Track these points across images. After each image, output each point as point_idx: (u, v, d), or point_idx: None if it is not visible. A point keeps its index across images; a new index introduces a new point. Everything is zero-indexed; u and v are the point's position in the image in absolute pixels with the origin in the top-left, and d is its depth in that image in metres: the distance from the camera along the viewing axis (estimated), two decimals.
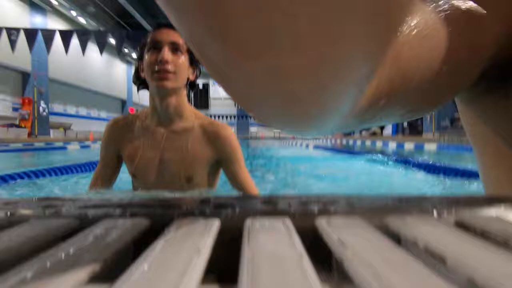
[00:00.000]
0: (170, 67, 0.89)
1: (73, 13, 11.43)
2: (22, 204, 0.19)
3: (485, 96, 0.27)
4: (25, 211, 0.17)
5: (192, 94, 1.08)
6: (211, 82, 19.86)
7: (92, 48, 8.19)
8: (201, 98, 20.13)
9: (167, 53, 0.89)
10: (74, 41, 6.67)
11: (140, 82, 1.01)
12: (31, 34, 6.61)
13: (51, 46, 6.75)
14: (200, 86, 19.69)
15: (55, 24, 10.99)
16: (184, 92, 0.98)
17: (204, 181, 0.98)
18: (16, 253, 0.11)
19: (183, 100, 0.97)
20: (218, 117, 16.84)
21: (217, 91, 19.81)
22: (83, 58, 9.23)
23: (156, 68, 0.88)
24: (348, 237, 0.12)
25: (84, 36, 6.73)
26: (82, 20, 11.97)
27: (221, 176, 1.06)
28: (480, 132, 0.32)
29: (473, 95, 0.28)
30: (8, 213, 0.17)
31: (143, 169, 0.95)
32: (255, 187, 0.98)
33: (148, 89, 0.99)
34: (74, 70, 12.36)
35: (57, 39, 6.58)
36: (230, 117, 19.11)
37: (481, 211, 0.17)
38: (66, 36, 6.69)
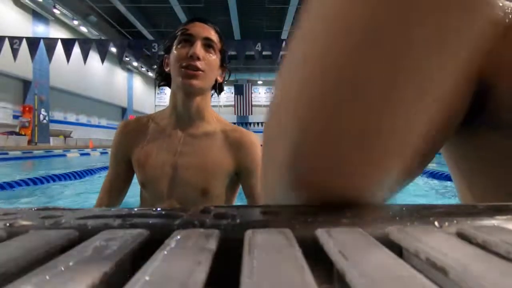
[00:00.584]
0: (201, 64, 0.80)
1: (75, 22, 11.57)
2: (21, 214, 0.19)
3: (472, 136, 0.28)
4: (24, 222, 0.17)
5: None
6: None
7: (93, 56, 8.26)
8: None
9: (199, 48, 0.80)
10: (76, 50, 6.74)
11: (162, 78, 0.91)
12: (33, 43, 6.68)
13: (52, 55, 6.81)
14: None
15: (57, 33, 11.12)
16: (210, 94, 0.90)
17: (221, 195, 0.85)
18: (15, 265, 0.11)
19: (207, 102, 0.88)
20: None
21: (216, 99, 19.88)
22: (84, 66, 9.31)
23: (186, 63, 0.79)
24: (349, 249, 0.12)
25: (86, 45, 6.80)
26: (84, 29, 12.11)
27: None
28: (466, 168, 0.33)
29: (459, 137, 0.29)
30: (7, 224, 0.17)
31: (153, 177, 0.83)
32: None
33: (169, 86, 0.90)
34: (75, 78, 12.45)
35: (59, 48, 6.65)
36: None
37: (482, 221, 0.17)
38: (67, 45, 6.77)
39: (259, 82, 19.58)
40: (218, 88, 0.94)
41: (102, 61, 6.96)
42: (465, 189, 0.33)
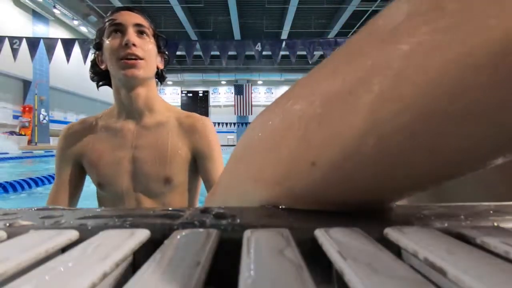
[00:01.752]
0: (138, 51, 0.76)
1: (75, 22, 11.58)
2: (21, 214, 0.19)
3: None
4: (24, 222, 0.17)
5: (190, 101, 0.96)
6: (210, 90, 19.98)
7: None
8: (201, 106, 20.22)
9: (133, 35, 0.76)
10: (76, 50, 6.74)
11: (99, 77, 0.85)
12: (33, 43, 6.68)
13: (52, 55, 6.81)
14: (200, 94, 19.81)
15: (57, 33, 11.12)
16: (154, 83, 0.85)
17: (185, 182, 0.83)
18: (15, 265, 0.11)
19: (153, 92, 0.83)
20: (218, 124, 16.88)
21: (216, 99, 19.93)
22: (84, 66, 9.30)
23: (122, 53, 0.75)
24: (348, 249, 0.12)
25: (86, 45, 6.80)
26: (84, 29, 12.11)
27: None
28: None
29: None
30: (7, 224, 0.17)
31: (111, 174, 0.80)
32: None
33: (109, 85, 0.86)
34: (75, 78, 12.45)
35: (59, 48, 6.65)
36: (230, 124, 19.18)
37: (481, 221, 0.17)
38: (67, 45, 6.77)
39: (259, 82, 19.58)
40: (160, 76, 0.89)
41: None
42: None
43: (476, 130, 0.12)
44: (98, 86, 0.89)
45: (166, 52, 0.88)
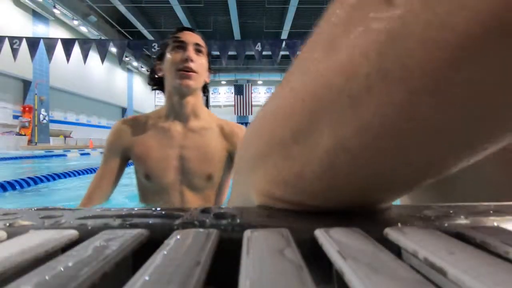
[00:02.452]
0: (194, 66, 0.92)
1: (75, 22, 11.57)
2: (21, 214, 0.19)
3: None
4: (24, 222, 0.17)
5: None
6: (210, 90, 19.96)
7: (93, 56, 8.27)
8: None
9: (192, 52, 0.93)
10: (76, 50, 6.73)
11: (155, 82, 1.02)
12: (33, 43, 6.68)
13: (52, 55, 6.81)
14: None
15: (57, 33, 11.12)
16: (201, 93, 1.01)
17: (222, 179, 0.99)
18: (15, 265, 0.11)
19: (200, 101, 1.00)
20: None
21: (216, 99, 19.91)
22: (84, 66, 9.30)
23: (181, 66, 0.91)
24: (348, 249, 0.12)
25: (86, 45, 6.79)
26: (84, 29, 12.11)
27: None
28: None
29: None
30: (7, 224, 0.17)
31: (160, 168, 0.93)
32: None
33: (162, 90, 1.01)
34: (75, 78, 12.44)
35: (59, 48, 6.65)
36: None
37: (481, 221, 0.17)
38: (67, 45, 6.76)
39: (259, 82, 19.57)
40: (204, 88, 1.04)
41: (102, 61, 6.96)
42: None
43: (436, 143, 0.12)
44: (152, 89, 1.06)
45: (212, 68, 1.04)
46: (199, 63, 0.94)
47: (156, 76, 1.01)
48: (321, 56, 0.14)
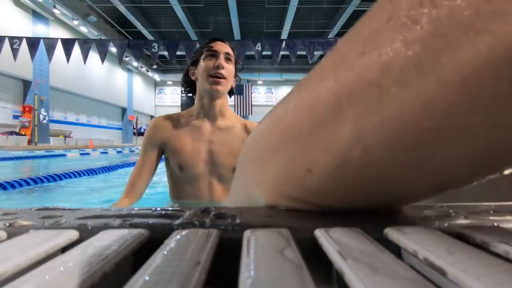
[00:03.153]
0: (224, 72, 1.05)
1: (75, 22, 11.57)
2: (21, 214, 0.19)
3: None
4: (24, 222, 0.17)
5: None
6: None
7: (93, 56, 8.26)
8: None
9: (223, 61, 1.06)
10: (76, 50, 6.73)
11: (188, 85, 1.18)
12: (33, 43, 6.67)
13: (52, 55, 6.80)
14: None
15: (57, 33, 11.11)
16: (227, 96, 1.16)
17: None
18: (15, 265, 0.11)
19: (226, 102, 1.15)
20: None
21: None
22: (84, 66, 9.30)
23: (213, 72, 1.04)
24: (348, 249, 0.12)
25: (86, 45, 6.79)
26: (83, 29, 12.10)
27: None
28: None
29: None
30: (7, 224, 0.17)
31: (192, 160, 1.07)
32: None
33: (192, 92, 1.16)
34: (75, 78, 12.44)
35: (59, 48, 6.64)
36: None
37: (481, 221, 0.17)
38: (67, 45, 6.76)
39: (259, 82, 19.55)
40: (230, 91, 1.18)
41: (102, 61, 6.96)
42: None
43: (456, 146, 0.12)
44: (184, 92, 1.22)
45: (238, 75, 1.19)
46: (229, 70, 1.08)
47: (189, 79, 1.15)
48: (359, 50, 0.14)
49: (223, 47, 1.09)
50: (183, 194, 1.11)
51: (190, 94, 1.18)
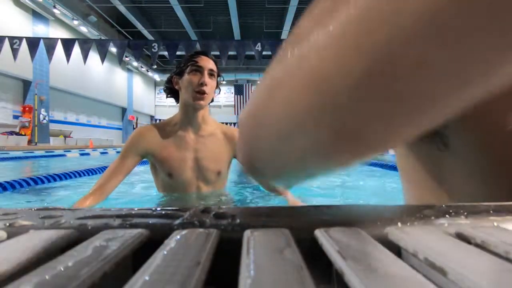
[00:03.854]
0: (207, 89, 1.13)
1: (75, 22, 11.57)
2: (21, 214, 0.19)
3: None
4: (24, 222, 0.17)
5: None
6: None
7: (93, 56, 8.26)
8: None
9: (207, 78, 1.13)
10: (76, 50, 6.73)
11: (169, 91, 1.24)
12: (33, 43, 6.67)
13: (52, 55, 6.81)
14: None
15: (57, 33, 11.11)
16: (208, 106, 1.23)
17: (226, 173, 1.25)
18: (15, 265, 0.11)
19: (207, 112, 1.23)
20: None
21: (216, 99, 19.82)
22: (84, 66, 9.30)
23: (197, 88, 1.12)
24: (348, 249, 0.12)
25: (86, 45, 6.79)
26: (84, 29, 12.10)
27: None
28: (409, 168, 0.34)
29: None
30: (7, 224, 0.17)
31: (180, 168, 1.15)
32: None
33: (174, 98, 1.24)
34: (75, 78, 12.44)
35: (59, 48, 6.65)
36: (230, 124, 19.08)
37: (481, 221, 0.17)
38: (67, 45, 6.76)
39: (259, 82, 19.51)
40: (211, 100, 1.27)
41: (102, 61, 6.96)
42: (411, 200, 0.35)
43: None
44: (167, 97, 1.28)
45: (219, 84, 1.26)
46: (211, 85, 1.15)
47: (173, 88, 1.21)
48: None
49: (207, 63, 1.15)
50: (173, 198, 1.19)
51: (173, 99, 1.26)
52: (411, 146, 0.32)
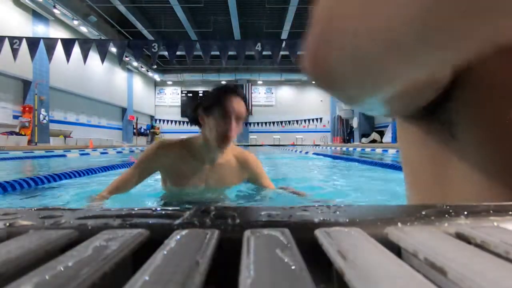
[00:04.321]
0: (233, 136, 1.10)
1: (75, 22, 11.57)
2: (21, 214, 0.19)
3: (423, 123, 0.31)
4: (24, 222, 0.17)
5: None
6: (210, 90, 19.88)
7: (93, 56, 8.26)
8: None
9: (234, 125, 1.08)
10: (76, 50, 6.73)
11: (193, 121, 1.21)
12: (33, 43, 6.68)
13: (52, 55, 6.81)
14: (200, 93, 19.75)
15: (57, 33, 11.11)
16: None
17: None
18: (15, 265, 0.11)
19: None
20: None
21: None
22: (84, 66, 9.30)
23: (223, 135, 1.08)
24: (348, 249, 0.12)
25: (86, 45, 6.80)
26: (84, 29, 12.10)
27: None
28: (414, 153, 0.35)
29: (413, 119, 0.32)
30: (7, 224, 0.17)
31: (190, 189, 1.18)
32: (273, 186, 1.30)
33: (195, 124, 1.21)
34: (75, 78, 12.44)
35: (59, 48, 6.65)
36: None
37: (481, 221, 0.17)
38: (67, 45, 6.77)
39: (259, 82, 19.54)
40: None
41: (102, 61, 6.96)
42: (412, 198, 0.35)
43: None
44: (190, 125, 1.25)
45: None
46: (238, 130, 1.12)
47: (196, 119, 1.18)
48: None
49: (237, 107, 1.09)
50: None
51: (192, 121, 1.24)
52: (419, 136, 0.32)
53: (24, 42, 6.61)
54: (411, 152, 0.35)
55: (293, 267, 0.11)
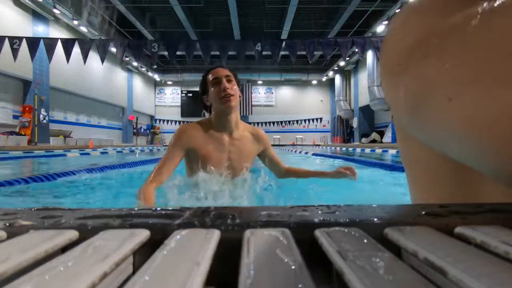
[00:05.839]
0: (230, 91, 1.29)
1: (75, 22, 11.57)
2: (21, 214, 0.19)
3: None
4: (24, 222, 0.17)
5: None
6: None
7: (93, 56, 8.26)
8: (201, 106, 20.15)
9: (225, 83, 1.31)
10: (76, 50, 6.73)
11: (205, 107, 1.46)
12: (33, 43, 6.68)
13: (52, 55, 6.81)
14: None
15: (57, 33, 11.11)
16: (238, 110, 1.42)
17: (249, 167, 1.46)
18: (15, 265, 0.11)
19: (238, 116, 1.42)
20: None
21: None
22: (84, 66, 9.30)
23: (222, 95, 1.29)
24: (348, 249, 0.12)
25: (86, 45, 6.80)
26: (83, 29, 12.10)
27: None
28: (414, 157, 0.34)
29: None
30: (7, 224, 0.17)
31: (216, 165, 1.34)
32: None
33: (208, 111, 1.44)
34: (75, 78, 12.43)
35: (59, 48, 6.65)
36: None
37: (481, 221, 0.17)
38: (67, 45, 6.77)
39: (259, 82, 19.52)
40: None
41: (102, 61, 6.96)
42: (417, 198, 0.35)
43: None
44: (204, 112, 1.50)
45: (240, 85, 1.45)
46: (232, 87, 1.31)
47: (205, 104, 1.43)
48: None
49: (222, 72, 1.34)
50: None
51: (203, 107, 1.47)
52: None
53: (24, 42, 6.61)
54: (415, 151, 0.35)
55: (293, 267, 0.11)
